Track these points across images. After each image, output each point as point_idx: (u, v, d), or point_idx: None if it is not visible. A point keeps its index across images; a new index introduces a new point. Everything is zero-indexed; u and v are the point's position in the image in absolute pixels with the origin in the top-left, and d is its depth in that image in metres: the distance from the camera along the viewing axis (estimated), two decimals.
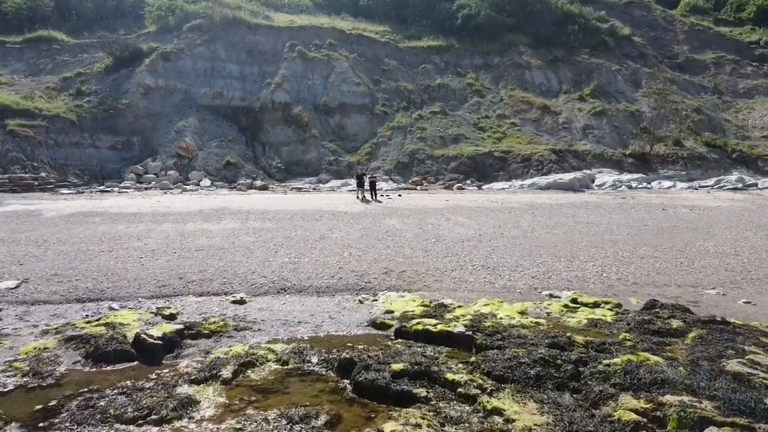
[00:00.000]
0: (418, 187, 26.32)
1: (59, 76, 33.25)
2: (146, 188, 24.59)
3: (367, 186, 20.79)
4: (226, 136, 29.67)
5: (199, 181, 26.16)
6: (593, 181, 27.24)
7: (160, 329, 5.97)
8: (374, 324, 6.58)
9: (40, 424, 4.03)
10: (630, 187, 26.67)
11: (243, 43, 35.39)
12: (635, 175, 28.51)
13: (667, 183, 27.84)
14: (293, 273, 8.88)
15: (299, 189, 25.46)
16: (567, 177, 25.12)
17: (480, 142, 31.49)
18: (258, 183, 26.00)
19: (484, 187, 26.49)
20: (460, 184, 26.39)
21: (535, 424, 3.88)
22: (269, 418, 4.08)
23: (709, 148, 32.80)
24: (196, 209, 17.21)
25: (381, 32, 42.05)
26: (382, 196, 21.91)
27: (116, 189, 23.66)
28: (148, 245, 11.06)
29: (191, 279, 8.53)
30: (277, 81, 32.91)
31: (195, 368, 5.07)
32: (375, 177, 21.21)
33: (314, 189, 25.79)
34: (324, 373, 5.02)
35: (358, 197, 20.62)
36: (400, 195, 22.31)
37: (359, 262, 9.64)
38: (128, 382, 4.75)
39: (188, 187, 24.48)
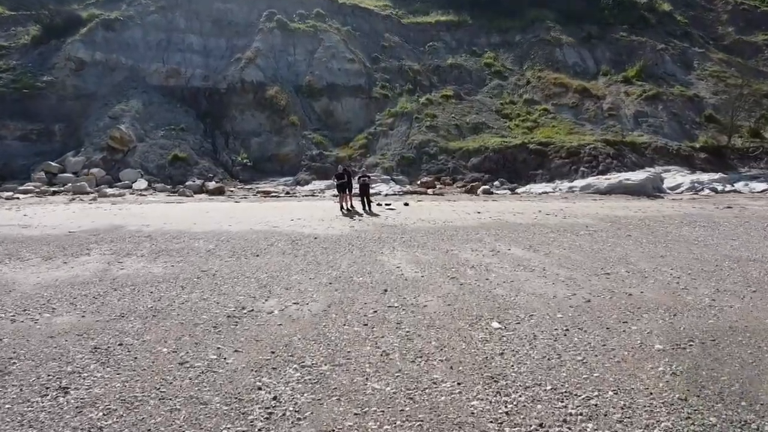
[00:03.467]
0: (430, 191, 19.46)
1: None
2: (54, 192, 17.76)
3: (356, 190, 13.92)
4: (177, 124, 22.80)
5: (133, 182, 19.32)
6: (662, 182, 20.34)
7: None
8: None
9: None
10: (715, 191, 19.79)
11: (209, 11, 28.53)
12: (714, 175, 21.59)
13: (759, 185, 20.91)
14: None
15: (267, 193, 18.59)
16: (636, 177, 18.21)
17: (507, 132, 24.60)
18: (212, 185, 19.12)
19: (519, 190, 19.58)
20: (486, 186, 19.48)
21: None
22: None
23: None
24: (68, 229, 10.35)
25: (381, 6, 35.31)
26: (378, 204, 15.03)
27: (5, 195, 16.80)
28: None
29: None
30: (249, 56, 26.06)
31: None
32: (367, 177, 14.13)
33: (288, 193, 18.94)
34: None
35: (342, 208, 13.66)
36: (406, 204, 15.38)
37: None
38: None
39: (110, 191, 17.59)
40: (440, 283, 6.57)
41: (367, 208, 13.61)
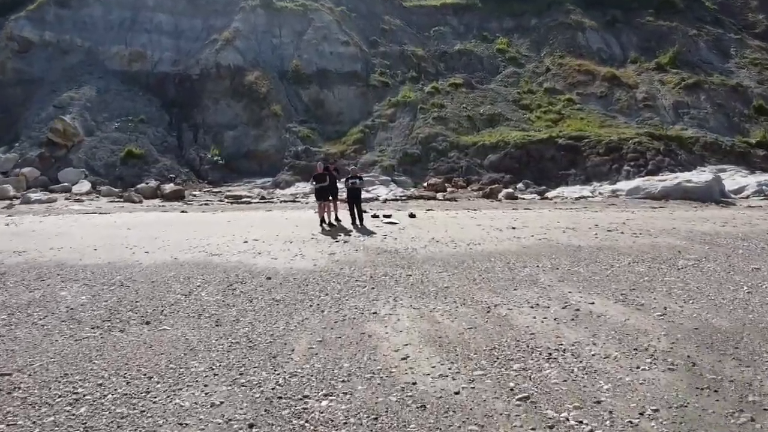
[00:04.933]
0: (440, 195, 15.81)
1: None
2: None
3: (342, 193, 10.21)
4: (137, 115, 19.19)
5: (74, 185, 15.70)
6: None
7: None
8: None
9: None
10: None
11: None
12: None
13: None
14: None
15: (237, 198, 14.95)
16: (699, 179, 14.53)
17: (528, 125, 20.97)
18: (169, 188, 15.48)
19: (549, 194, 15.92)
20: (509, 190, 15.81)
21: None
22: None
23: None
24: None
25: None
26: (374, 216, 11.37)
27: None
28: None
29: None
30: (227, 36, 22.44)
31: None
32: (358, 179, 10.05)
33: (264, 198, 15.32)
34: None
35: (323, 222, 9.95)
36: (412, 215, 11.70)
37: None
38: None
39: (36, 197, 13.93)
40: (500, 423, 2.89)
41: (357, 221, 9.93)
